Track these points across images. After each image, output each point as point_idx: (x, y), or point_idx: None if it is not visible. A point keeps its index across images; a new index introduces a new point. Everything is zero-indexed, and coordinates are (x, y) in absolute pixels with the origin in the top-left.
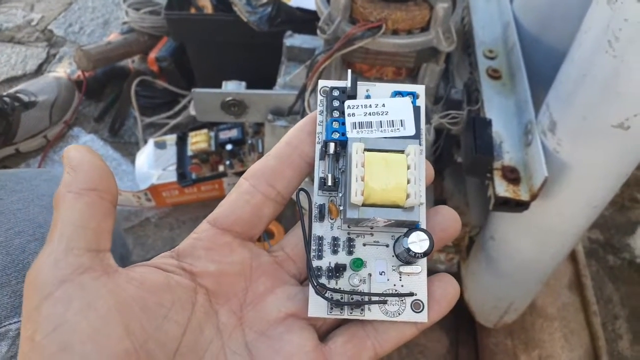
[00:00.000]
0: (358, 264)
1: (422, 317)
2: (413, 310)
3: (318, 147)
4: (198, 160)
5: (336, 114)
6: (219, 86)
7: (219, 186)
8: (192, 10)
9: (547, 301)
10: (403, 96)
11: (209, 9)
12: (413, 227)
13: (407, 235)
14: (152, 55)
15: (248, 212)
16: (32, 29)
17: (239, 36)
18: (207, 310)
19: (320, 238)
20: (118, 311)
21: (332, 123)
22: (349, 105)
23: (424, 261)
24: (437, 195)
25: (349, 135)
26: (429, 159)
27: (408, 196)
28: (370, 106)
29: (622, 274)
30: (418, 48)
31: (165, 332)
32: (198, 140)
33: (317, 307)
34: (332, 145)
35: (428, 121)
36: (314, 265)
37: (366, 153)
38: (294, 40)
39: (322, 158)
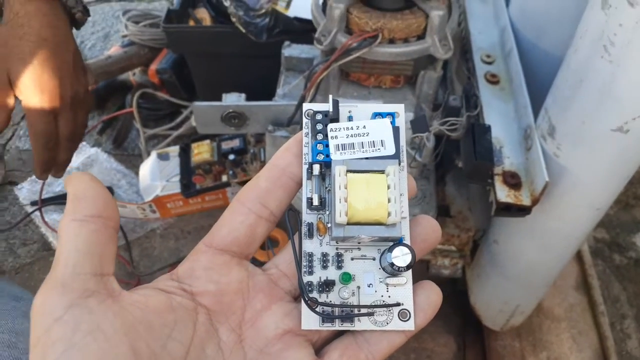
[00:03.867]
0: (347, 278)
1: (409, 325)
2: (400, 319)
3: (305, 167)
4: (201, 171)
5: (320, 136)
6: (220, 96)
7: (222, 196)
8: (191, 23)
9: (554, 302)
10: (383, 117)
11: (207, 21)
12: (396, 242)
13: (390, 250)
14: (153, 67)
15: (243, 232)
16: None
17: (238, 47)
18: (208, 329)
19: (311, 254)
20: (124, 333)
21: (316, 145)
22: (331, 129)
23: (408, 272)
24: (439, 201)
25: (332, 157)
26: (429, 166)
27: (389, 214)
28: (352, 128)
29: (628, 273)
30: (415, 56)
31: (170, 351)
32: (201, 151)
33: (310, 321)
34: (317, 167)
35: (427, 129)
36: (305, 281)
37: (349, 175)
38: (292, 50)
39: (309, 178)
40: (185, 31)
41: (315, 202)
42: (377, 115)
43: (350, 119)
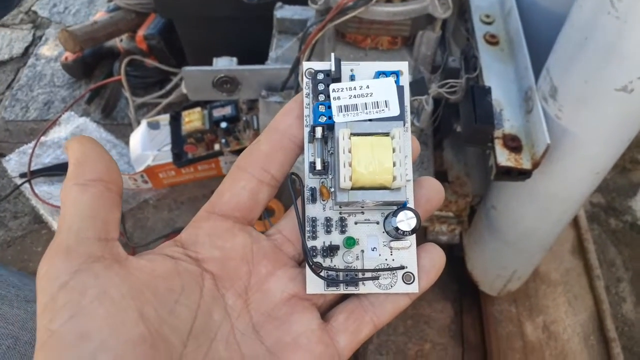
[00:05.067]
0: (351, 242)
1: (414, 288)
2: (405, 282)
3: (307, 130)
4: (193, 140)
5: (322, 97)
6: (211, 63)
7: (215, 165)
8: None
9: (551, 267)
10: (387, 76)
11: None
12: (401, 206)
13: (395, 214)
14: (141, 33)
15: (245, 197)
16: (16, 11)
17: (229, 10)
18: (215, 295)
19: (314, 219)
20: (132, 297)
21: (318, 107)
22: (334, 89)
23: (412, 236)
24: (437, 166)
25: (335, 119)
26: (427, 131)
27: (394, 178)
28: (355, 88)
29: (624, 237)
30: (413, 15)
31: (178, 316)
32: (192, 119)
33: (315, 285)
34: (319, 130)
35: (426, 91)
36: (309, 246)
37: (352, 138)
38: (285, 11)
39: (310, 141)
40: None
41: (318, 167)
42: (380, 74)
43: (352, 78)
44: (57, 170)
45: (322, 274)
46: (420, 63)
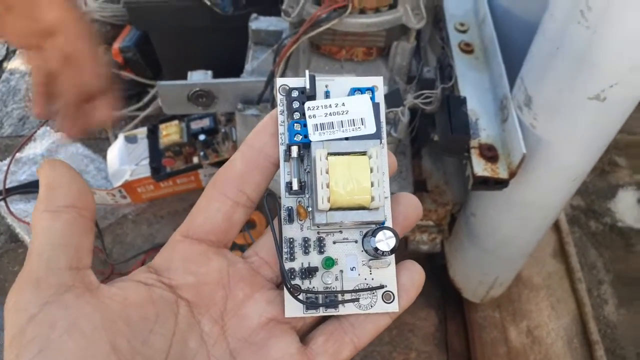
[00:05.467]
0: (329, 263)
1: (394, 307)
2: (384, 302)
3: (282, 149)
4: (171, 153)
5: (297, 115)
6: (187, 74)
7: (195, 178)
8: None
9: (533, 271)
10: (362, 92)
11: None
12: (379, 225)
13: (374, 234)
14: (116, 45)
15: (220, 220)
16: None
17: (204, 21)
18: (190, 322)
19: (292, 240)
20: (103, 329)
21: (293, 125)
22: (309, 107)
23: (392, 255)
24: (416, 176)
25: (311, 137)
26: (405, 140)
27: (373, 199)
28: (330, 106)
29: (604, 239)
30: (387, 26)
31: (152, 346)
32: (169, 133)
33: (293, 308)
34: (295, 149)
35: (401, 103)
36: (287, 267)
37: (329, 158)
38: (260, 23)
39: (286, 160)
40: (148, 6)
41: (295, 187)
42: (355, 90)
43: (327, 94)
44: (33, 188)
45: (300, 296)
46: (396, 73)
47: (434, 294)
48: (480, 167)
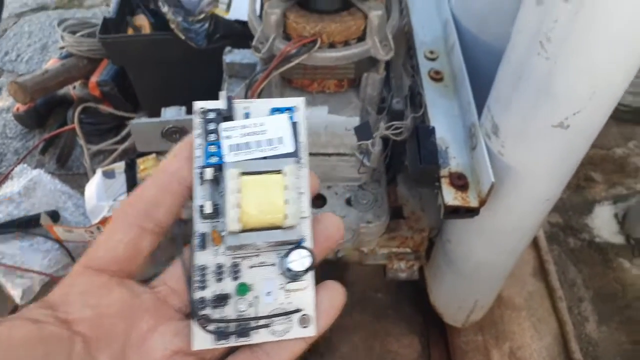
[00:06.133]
0: (243, 289)
1: (310, 332)
2: (300, 326)
3: (196, 172)
4: None
5: (213, 137)
6: (165, 105)
7: None
8: (130, 31)
9: (513, 291)
10: (281, 112)
11: (147, 28)
12: (295, 245)
13: (287, 255)
14: (94, 79)
15: (123, 249)
16: None
17: (180, 54)
18: (85, 359)
19: (203, 267)
20: None
21: (208, 147)
22: (224, 128)
23: (309, 275)
24: (391, 202)
25: (225, 158)
26: (379, 168)
27: (286, 217)
28: (248, 126)
29: (582, 256)
30: (356, 59)
31: None
32: (147, 167)
33: (202, 340)
34: (209, 171)
35: (370, 136)
36: (198, 296)
37: (243, 177)
38: (234, 56)
39: (201, 183)
40: (123, 41)
41: (208, 210)
42: (275, 110)
43: (247, 116)
44: (10, 228)
45: (211, 326)
46: (368, 104)
47: (417, 320)
48: (450, 197)
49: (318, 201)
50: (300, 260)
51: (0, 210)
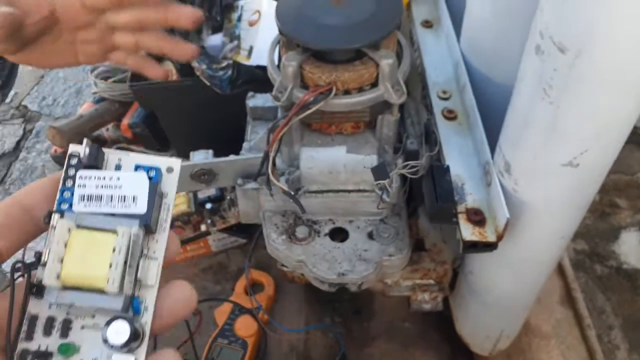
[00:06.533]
0: (65, 349)
1: None
2: None
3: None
4: (180, 223)
5: (69, 182)
6: (194, 146)
7: (204, 244)
8: None
9: (541, 319)
10: (145, 170)
11: (174, 74)
12: (116, 316)
13: (107, 324)
14: (125, 122)
15: None
16: (7, 107)
17: (205, 99)
18: None
19: (34, 317)
20: None
21: (63, 192)
22: (81, 176)
23: (140, 350)
24: (413, 235)
25: (74, 207)
26: (399, 203)
27: (108, 281)
28: (104, 178)
29: (611, 283)
30: (370, 104)
31: None
32: (177, 203)
33: None
34: (56, 217)
35: (387, 176)
36: (22, 347)
37: (75, 231)
38: (257, 100)
39: (48, 229)
40: (151, 88)
41: (44, 258)
42: (138, 167)
43: (118, 167)
44: None
45: None
46: (384, 142)
47: (445, 348)
48: (468, 232)
49: (340, 235)
50: (117, 333)
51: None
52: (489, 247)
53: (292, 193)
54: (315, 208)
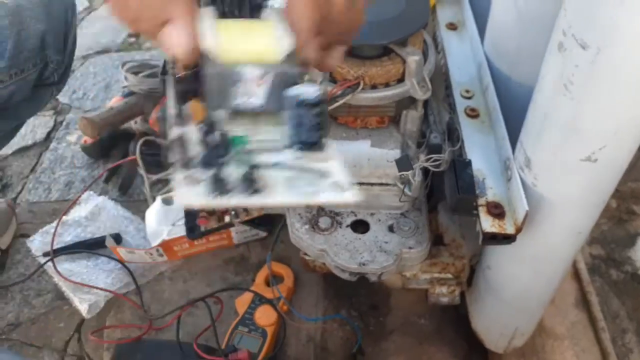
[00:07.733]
0: (238, 140)
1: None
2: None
3: None
4: (205, 213)
5: None
6: None
7: (227, 235)
8: None
9: (556, 321)
10: None
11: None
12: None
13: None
14: (154, 115)
15: None
16: None
17: None
18: None
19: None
20: None
21: None
22: None
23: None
24: (432, 230)
25: None
26: (420, 197)
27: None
28: None
29: (626, 288)
30: (396, 99)
31: None
32: None
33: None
34: None
35: (410, 167)
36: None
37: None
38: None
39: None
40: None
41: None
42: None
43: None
44: (78, 248)
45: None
46: (408, 137)
47: (460, 344)
48: (488, 224)
49: (362, 227)
50: (309, 89)
51: (70, 233)
52: (508, 239)
53: None
54: None
